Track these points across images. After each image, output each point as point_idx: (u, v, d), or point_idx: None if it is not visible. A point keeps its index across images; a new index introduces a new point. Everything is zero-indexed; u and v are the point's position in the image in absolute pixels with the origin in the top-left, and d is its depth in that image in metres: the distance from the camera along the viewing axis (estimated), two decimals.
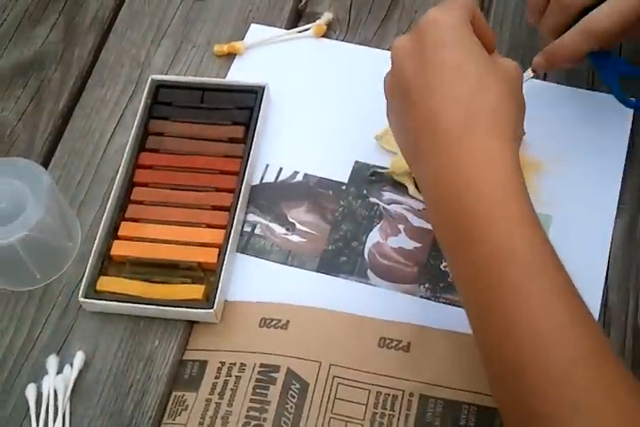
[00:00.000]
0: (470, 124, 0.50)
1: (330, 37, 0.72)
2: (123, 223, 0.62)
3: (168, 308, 0.59)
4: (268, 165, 0.66)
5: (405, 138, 0.54)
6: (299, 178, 0.66)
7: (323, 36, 0.72)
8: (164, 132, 0.66)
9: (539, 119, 0.53)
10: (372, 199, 0.65)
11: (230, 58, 0.71)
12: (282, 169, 0.66)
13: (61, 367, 0.58)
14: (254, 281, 0.62)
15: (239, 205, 0.62)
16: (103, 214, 0.62)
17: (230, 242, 0.61)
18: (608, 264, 0.61)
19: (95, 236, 0.61)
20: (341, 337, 0.59)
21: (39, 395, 0.57)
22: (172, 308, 0.59)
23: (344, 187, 0.65)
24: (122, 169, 0.64)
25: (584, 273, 0.49)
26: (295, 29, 0.72)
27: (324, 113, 0.69)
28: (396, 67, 0.54)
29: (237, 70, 0.70)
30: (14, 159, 0.59)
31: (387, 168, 0.65)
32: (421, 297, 0.61)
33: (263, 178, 0.66)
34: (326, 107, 0.69)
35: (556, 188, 0.63)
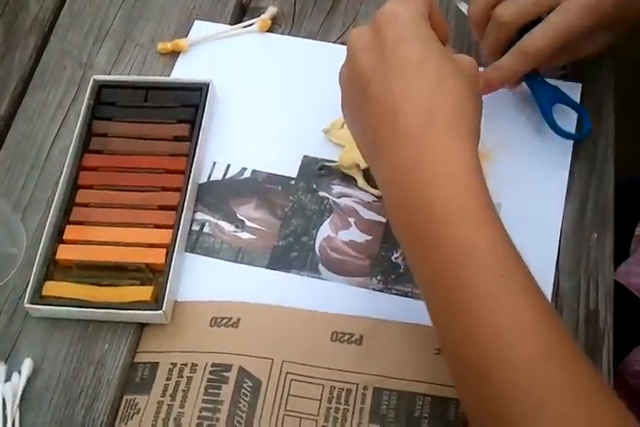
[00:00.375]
0: (429, 122, 0.49)
1: (275, 32, 0.72)
2: (68, 227, 0.61)
3: (116, 310, 0.58)
4: (215, 163, 0.66)
5: (362, 133, 0.53)
6: (247, 174, 0.65)
7: (268, 31, 0.72)
8: (107, 133, 0.65)
9: (485, 106, 0.53)
10: (322, 193, 0.64)
11: (174, 56, 0.70)
12: (230, 166, 0.66)
13: (9, 375, 0.57)
14: (205, 280, 0.61)
15: (186, 203, 0.61)
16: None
17: (178, 242, 0.60)
18: (559, 250, 0.61)
19: (40, 240, 0.60)
20: (293, 333, 0.58)
21: None
22: (120, 310, 0.58)
23: (293, 182, 0.65)
24: (65, 172, 0.63)
25: (535, 260, 0.48)
26: (240, 25, 0.72)
27: (270, 108, 0.68)
28: (352, 60, 0.53)
29: (182, 68, 0.70)
30: None
31: (335, 161, 0.65)
32: (374, 290, 0.60)
33: (211, 176, 0.65)
34: (273, 102, 0.68)
35: (504, 175, 0.63)
